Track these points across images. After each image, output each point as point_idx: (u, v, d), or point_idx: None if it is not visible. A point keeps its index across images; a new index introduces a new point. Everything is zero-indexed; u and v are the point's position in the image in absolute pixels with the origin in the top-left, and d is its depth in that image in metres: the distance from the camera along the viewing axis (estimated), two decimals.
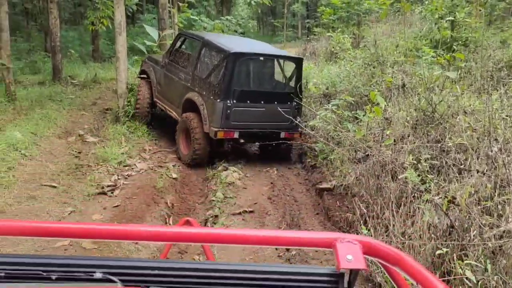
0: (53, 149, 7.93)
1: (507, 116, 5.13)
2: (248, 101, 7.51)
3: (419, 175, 4.34)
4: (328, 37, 15.03)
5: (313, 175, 7.38)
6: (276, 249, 5.01)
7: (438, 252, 3.38)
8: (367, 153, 5.87)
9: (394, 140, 5.55)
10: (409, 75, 7.26)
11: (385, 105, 5.91)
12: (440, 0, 9.21)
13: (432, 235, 3.86)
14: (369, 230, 4.61)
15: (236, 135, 7.53)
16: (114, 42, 11.61)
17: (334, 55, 12.80)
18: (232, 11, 28.71)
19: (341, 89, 8.59)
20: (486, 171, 4.16)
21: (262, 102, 7.62)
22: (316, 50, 16.86)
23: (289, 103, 7.75)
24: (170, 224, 5.74)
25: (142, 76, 9.91)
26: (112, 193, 6.39)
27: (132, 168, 7.30)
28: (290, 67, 8.15)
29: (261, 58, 8.14)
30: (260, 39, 13.46)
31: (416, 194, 4.52)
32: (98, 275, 1.00)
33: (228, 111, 7.32)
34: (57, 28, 12.96)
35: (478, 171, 3.99)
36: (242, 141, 7.88)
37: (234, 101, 7.34)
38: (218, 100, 7.29)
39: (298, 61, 8.06)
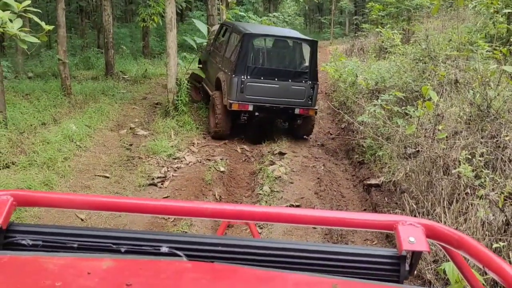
0: (105, 141, 8.20)
1: None
2: (262, 78, 8.15)
3: (473, 171, 4.21)
4: (377, 33, 14.80)
5: (361, 171, 7.29)
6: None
7: (494, 246, 3.28)
8: (417, 149, 5.75)
9: (446, 136, 5.41)
10: (463, 70, 7.05)
11: (437, 101, 5.76)
12: None
13: (486, 232, 3.75)
14: None
15: (250, 108, 8.19)
16: (164, 39, 11.86)
17: (383, 50, 12.58)
18: (279, 8, 28.72)
19: (390, 85, 8.43)
20: None
21: (276, 79, 8.20)
22: (364, 46, 16.64)
23: (303, 81, 8.31)
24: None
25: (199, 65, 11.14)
26: (162, 184, 6.55)
27: (181, 161, 7.44)
28: (306, 50, 8.58)
29: (274, 39, 8.94)
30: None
31: (469, 191, 4.40)
32: (164, 249, 1.02)
33: (242, 85, 8.05)
34: (110, 25, 13.32)
35: None
36: (257, 114, 8.36)
37: (248, 76, 8.07)
38: (234, 76, 8.05)
39: (312, 43, 8.47)
